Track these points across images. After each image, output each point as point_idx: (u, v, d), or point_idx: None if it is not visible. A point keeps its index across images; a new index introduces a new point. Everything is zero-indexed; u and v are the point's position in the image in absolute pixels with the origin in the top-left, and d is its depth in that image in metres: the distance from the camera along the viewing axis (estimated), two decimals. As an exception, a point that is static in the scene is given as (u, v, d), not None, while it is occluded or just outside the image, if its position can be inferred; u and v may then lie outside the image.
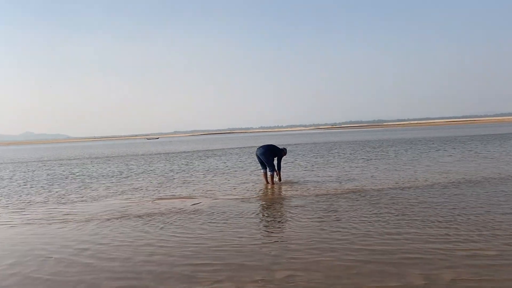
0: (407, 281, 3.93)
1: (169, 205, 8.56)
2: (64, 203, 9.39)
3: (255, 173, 13.69)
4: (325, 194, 8.88)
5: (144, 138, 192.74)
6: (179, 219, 7.13)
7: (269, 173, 10.71)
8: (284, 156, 11.28)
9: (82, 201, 9.65)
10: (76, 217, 7.72)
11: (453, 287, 3.75)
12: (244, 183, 11.39)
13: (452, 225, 5.86)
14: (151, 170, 17.04)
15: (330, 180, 11.01)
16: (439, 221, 6.08)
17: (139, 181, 13.21)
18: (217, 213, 7.50)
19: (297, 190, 9.60)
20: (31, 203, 9.69)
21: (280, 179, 11.00)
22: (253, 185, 10.81)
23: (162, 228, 6.58)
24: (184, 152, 31.86)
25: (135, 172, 16.28)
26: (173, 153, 31.08)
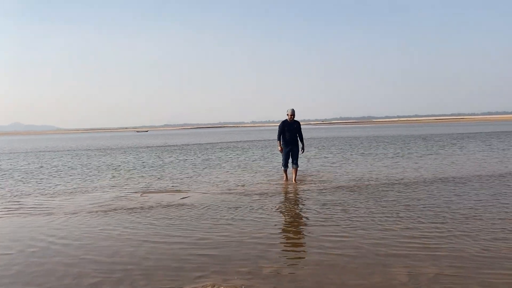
0: (391, 277, 3.98)
1: (157, 198, 8.56)
2: (52, 195, 9.33)
3: (251, 167, 13.74)
4: (325, 188, 8.98)
5: (134, 130, 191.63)
6: (167, 213, 7.13)
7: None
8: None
9: (71, 193, 9.60)
10: (64, 209, 7.68)
11: (435, 282, 3.82)
12: (239, 177, 11.43)
13: (440, 220, 5.95)
14: (143, 162, 17.00)
15: (330, 173, 11.09)
16: (430, 217, 6.17)
17: (129, 174, 13.18)
18: (205, 207, 7.51)
19: (297, 184, 9.67)
20: (20, 194, 9.62)
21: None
22: (247, 179, 10.85)
23: (149, 221, 6.58)
24: (178, 145, 31.77)
25: (126, 165, 16.23)
26: (168, 146, 30.98)
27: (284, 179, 10.26)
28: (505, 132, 35.24)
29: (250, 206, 7.48)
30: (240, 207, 7.41)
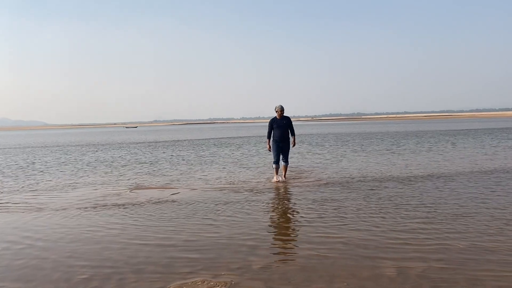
0: (380, 272, 4.01)
1: (147, 194, 8.52)
2: (41, 191, 9.25)
3: (242, 164, 13.74)
4: (316, 185, 9.01)
5: (123, 126, 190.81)
6: (156, 209, 7.10)
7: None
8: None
9: (61, 189, 9.52)
10: (52, 206, 7.62)
11: (423, 277, 3.86)
12: (230, 173, 11.42)
13: (428, 217, 6.00)
14: (134, 158, 16.92)
15: (321, 170, 11.12)
16: (419, 214, 6.22)
17: (119, 170, 13.11)
18: (195, 203, 7.49)
19: (288, 181, 9.65)
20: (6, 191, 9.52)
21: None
22: (238, 176, 10.85)
23: (138, 218, 6.55)
24: (169, 141, 31.67)
25: (117, 161, 16.14)
26: (158, 142, 30.87)
27: (275, 179, 9.81)
28: (494, 129, 35.63)
29: (240, 202, 7.47)
30: (230, 203, 7.40)
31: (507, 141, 21.00)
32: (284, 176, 9.94)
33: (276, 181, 9.69)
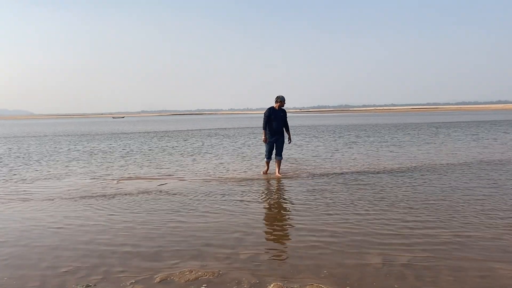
0: (366, 262, 4.06)
1: (134, 185, 8.50)
2: (27, 181, 9.17)
3: (233, 155, 13.74)
4: (306, 177, 9.06)
5: (110, 116, 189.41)
6: (144, 200, 7.09)
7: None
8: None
9: (49, 179, 9.44)
10: (40, 196, 7.56)
11: (408, 267, 3.92)
12: (221, 164, 11.42)
13: (413, 209, 6.09)
14: (124, 149, 16.82)
15: (312, 162, 11.16)
16: (404, 205, 6.30)
17: (109, 160, 13.03)
18: (183, 194, 7.49)
19: (280, 175, 9.64)
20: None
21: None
22: (228, 167, 10.85)
23: (126, 208, 6.53)
24: (159, 131, 31.51)
25: (107, 152, 16.03)
26: (148, 132, 30.69)
27: (264, 170, 9.54)
28: (484, 122, 35.95)
29: (229, 194, 7.48)
30: (219, 195, 7.41)
31: (503, 134, 21.22)
32: (278, 172, 9.31)
33: (266, 173, 9.47)
